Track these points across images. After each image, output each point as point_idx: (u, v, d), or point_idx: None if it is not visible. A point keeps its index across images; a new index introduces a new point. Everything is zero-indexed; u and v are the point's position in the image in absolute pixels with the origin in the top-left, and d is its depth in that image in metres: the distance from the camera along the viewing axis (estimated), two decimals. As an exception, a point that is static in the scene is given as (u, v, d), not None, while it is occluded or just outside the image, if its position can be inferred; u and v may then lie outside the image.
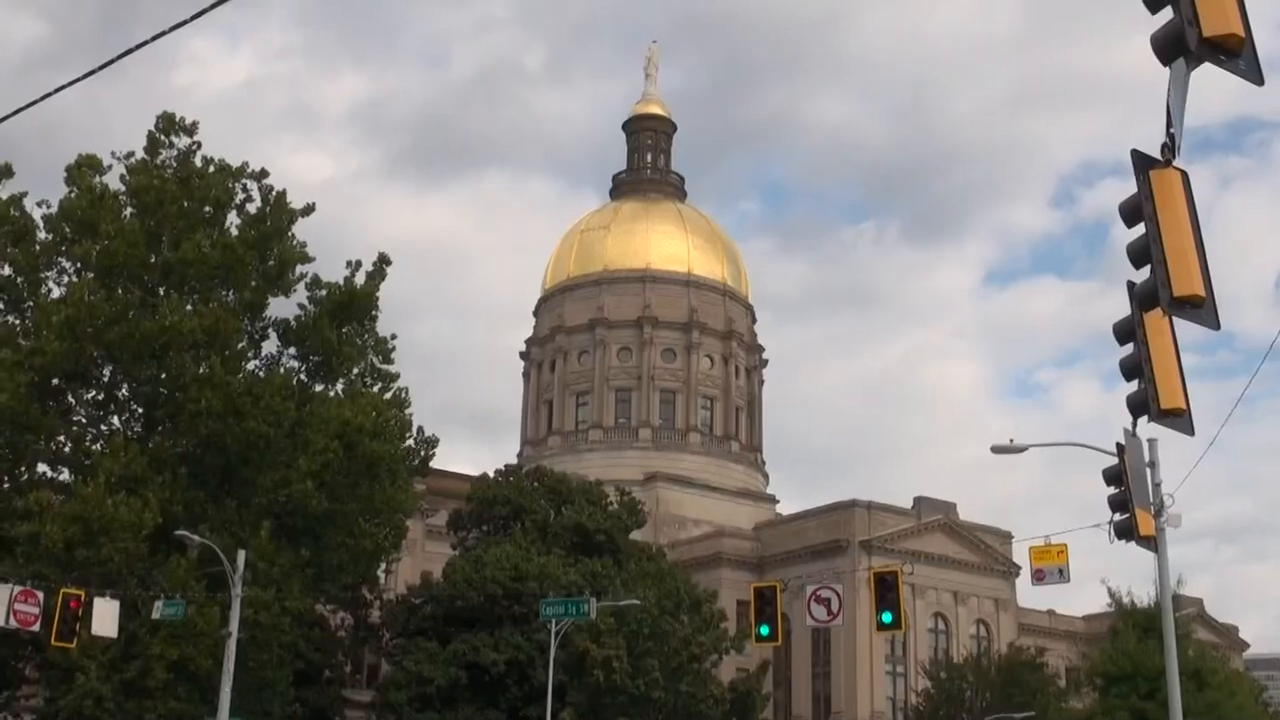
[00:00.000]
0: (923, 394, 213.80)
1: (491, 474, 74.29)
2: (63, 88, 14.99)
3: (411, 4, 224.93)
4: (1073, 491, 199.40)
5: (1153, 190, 10.22)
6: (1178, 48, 9.58)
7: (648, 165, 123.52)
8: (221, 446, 45.67)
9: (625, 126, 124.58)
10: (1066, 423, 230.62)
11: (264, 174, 50.21)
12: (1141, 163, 10.32)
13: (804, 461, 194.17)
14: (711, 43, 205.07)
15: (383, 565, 59.27)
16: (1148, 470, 26.22)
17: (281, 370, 49.28)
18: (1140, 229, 10.45)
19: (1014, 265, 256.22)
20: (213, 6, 15.31)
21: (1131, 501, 25.20)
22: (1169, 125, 10.05)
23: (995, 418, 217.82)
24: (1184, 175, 10.24)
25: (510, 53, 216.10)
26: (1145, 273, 10.55)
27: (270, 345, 50.40)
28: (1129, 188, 10.48)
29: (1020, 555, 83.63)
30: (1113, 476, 25.64)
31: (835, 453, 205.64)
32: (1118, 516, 25.51)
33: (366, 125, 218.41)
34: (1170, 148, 10.17)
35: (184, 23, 15.35)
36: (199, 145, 49.74)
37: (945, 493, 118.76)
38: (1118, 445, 25.59)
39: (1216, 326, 10.06)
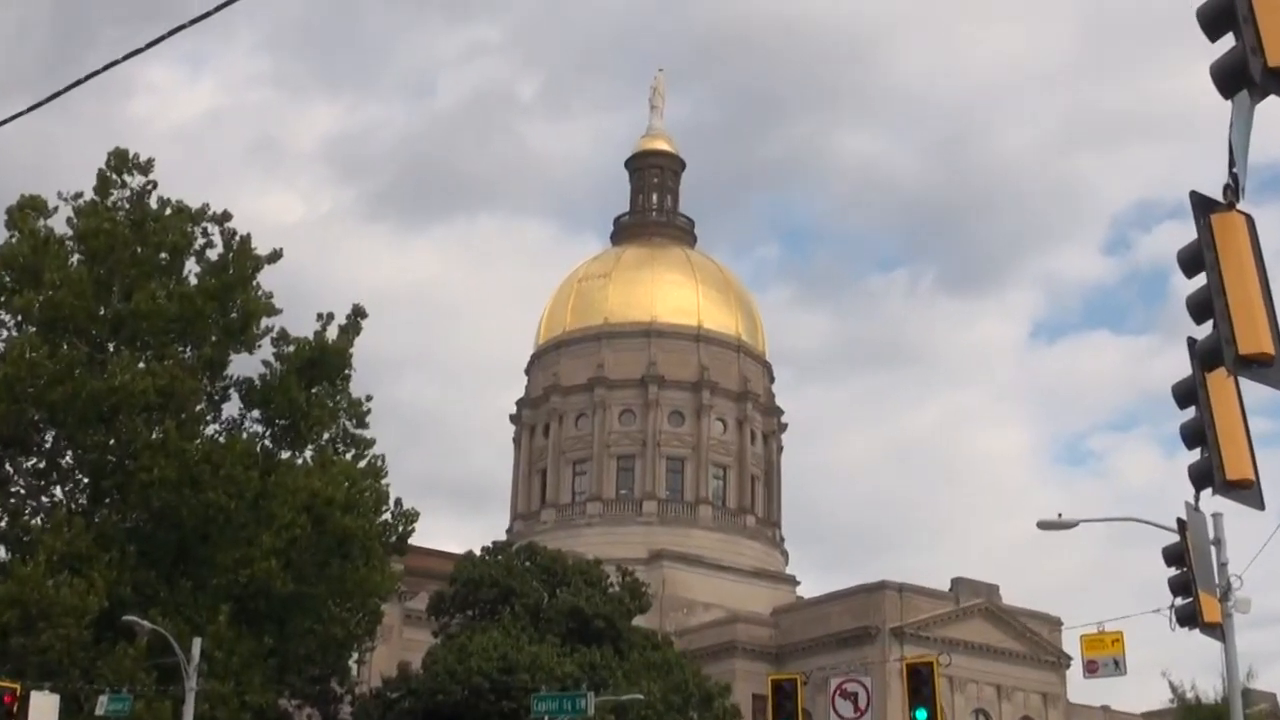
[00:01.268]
0: (961, 462, 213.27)
1: (478, 552, 74.07)
2: (4, 122, 15.12)
3: (392, 28, 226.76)
4: (1129, 572, 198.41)
5: (1214, 236, 10.27)
6: (1240, 79, 9.65)
7: (653, 206, 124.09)
8: (176, 521, 45.60)
9: (628, 164, 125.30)
10: (1122, 495, 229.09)
11: (226, 216, 50.48)
12: (1202, 206, 10.37)
13: (828, 538, 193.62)
14: (725, 71, 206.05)
15: (355, 655, 58.98)
16: (1213, 549, 26.13)
17: (244, 435, 49.30)
18: (1201, 279, 10.49)
19: (1063, 318, 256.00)
20: (171, 33, 15.48)
21: (1195, 584, 25.11)
22: (1231, 164, 10.10)
23: (1042, 489, 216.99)
24: (1249, 219, 10.29)
25: (502, 81, 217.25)
26: (1207, 328, 10.58)
27: (231, 407, 50.50)
28: (1189, 232, 10.52)
29: (1071, 644, 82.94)
30: (1174, 556, 25.57)
31: (863, 528, 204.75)
32: (1180, 601, 25.40)
33: (342, 162, 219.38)
34: (1233, 189, 10.22)
35: (140, 50, 15.52)
36: (154, 185, 50.05)
37: (987, 573, 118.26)
38: (1179, 521, 25.54)
39: (1288, 388, 10.09)
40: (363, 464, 50.57)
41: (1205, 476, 12.73)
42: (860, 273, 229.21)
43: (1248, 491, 11.54)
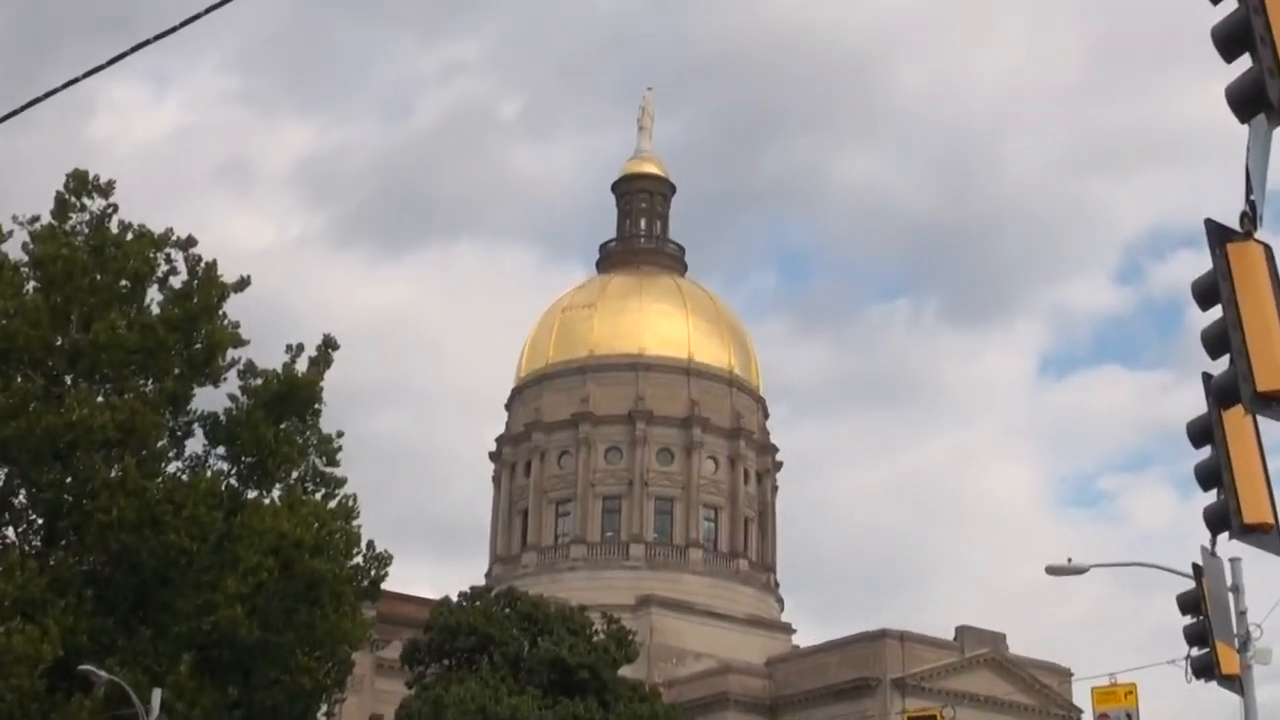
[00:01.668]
0: (966, 503, 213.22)
1: (454, 597, 73.91)
2: (-42, 142, 15.19)
3: (367, 44, 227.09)
4: (1143, 621, 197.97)
5: (1231, 267, 10.30)
6: (1257, 101, 9.69)
7: (641, 232, 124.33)
8: (135, 564, 45.40)
9: (615, 187, 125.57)
10: (1135, 538, 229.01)
11: (191, 242, 50.41)
12: (1217, 235, 10.41)
13: (825, 583, 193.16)
14: (717, 90, 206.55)
15: (324, 707, 58.51)
16: (1230, 596, 26.16)
17: (208, 474, 49.12)
18: (1217, 312, 10.52)
19: (1073, 352, 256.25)
20: (135, 49, 15.53)
21: (1212, 633, 25.11)
22: (1249, 191, 10.14)
23: (1051, 532, 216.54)
24: (1267, 249, 10.33)
25: (482, 101, 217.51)
26: (1224, 363, 10.61)
27: (195, 444, 50.29)
28: (1205, 261, 10.56)
29: (1082, 696, 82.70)
30: (1189, 603, 25.58)
31: (862, 573, 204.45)
32: (1196, 651, 25.40)
33: (313, 184, 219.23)
34: (1250, 217, 10.26)
35: (102, 67, 15.55)
36: (115, 208, 49.97)
37: (993, 621, 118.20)
38: (1194, 566, 25.56)
39: (1309, 426, 10.11)
40: (333, 504, 50.36)
41: (1222, 519, 12.75)
42: (860, 302, 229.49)
43: (1267, 535, 11.57)
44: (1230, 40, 9.85)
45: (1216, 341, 10.57)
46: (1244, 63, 9.79)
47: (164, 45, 14.90)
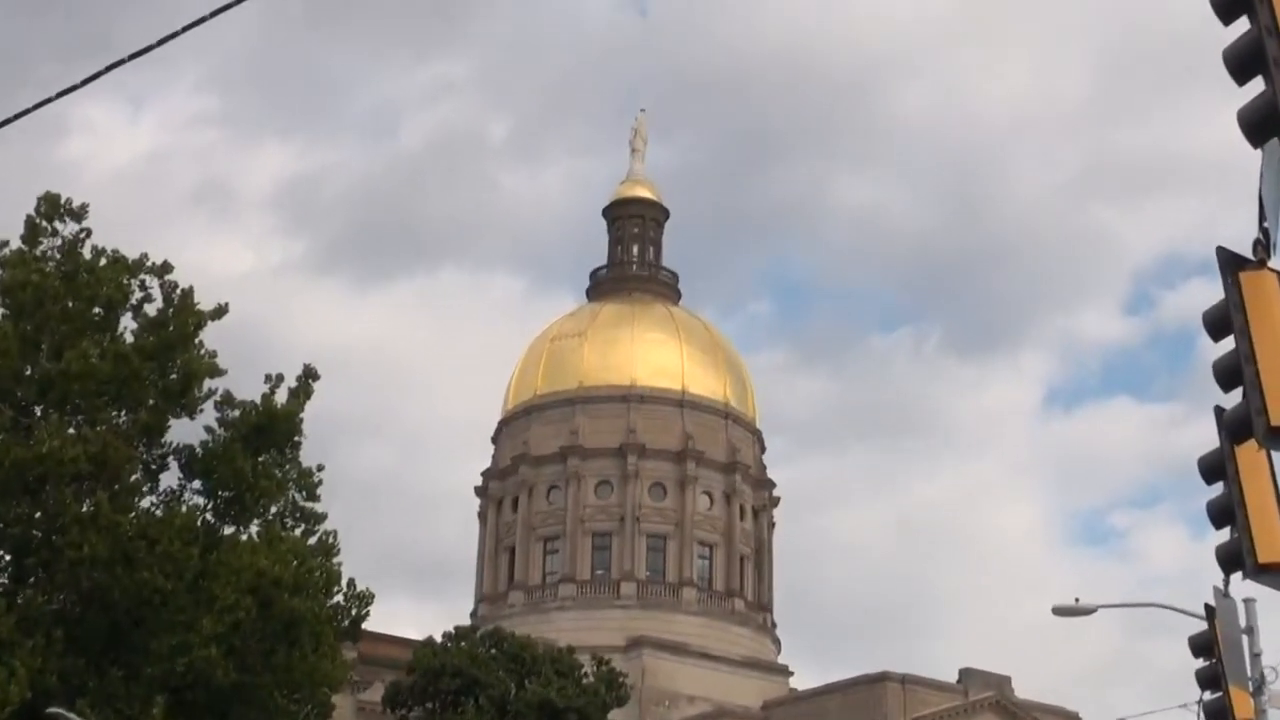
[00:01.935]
0: (970, 540, 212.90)
1: (438, 638, 73.76)
2: (-74, 165, 15.21)
3: (350, 64, 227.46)
4: (1153, 664, 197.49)
5: (1243, 296, 10.32)
6: (1271, 126, 9.72)
7: (633, 259, 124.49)
8: (108, 603, 45.27)
9: (607, 212, 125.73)
10: (1145, 577, 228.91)
11: (167, 268, 50.38)
12: (1229, 263, 10.43)
13: (824, 624, 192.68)
14: (712, 112, 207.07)
15: (303, 751, 58.43)
16: (1244, 638, 26.13)
17: (183, 509, 49.01)
18: (1230, 343, 10.54)
19: (1081, 383, 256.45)
20: (110, 69, 15.55)
21: (1225, 677, 25.08)
22: (1262, 218, 10.17)
23: (1058, 570, 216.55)
24: (1281, 279, 10.34)
25: (470, 122, 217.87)
26: (1237, 396, 10.62)
27: (170, 478, 50.17)
28: (1218, 291, 10.58)
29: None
30: (1201, 645, 25.54)
31: (863, 613, 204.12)
32: (1208, 695, 25.38)
33: (294, 208, 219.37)
34: (1264, 245, 10.28)
35: (75, 87, 15.58)
36: (88, 233, 49.97)
37: (998, 663, 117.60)
38: (1207, 607, 25.53)
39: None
40: (313, 540, 50.27)
41: (1235, 559, 12.76)
42: (861, 332, 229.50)
43: (1281, 575, 11.57)
44: (1243, 63, 9.87)
45: (1229, 374, 10.58)
46: (1257, 85, 9.81)
47: (140, 65, 14.94)
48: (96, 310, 49.06)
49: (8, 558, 47.96)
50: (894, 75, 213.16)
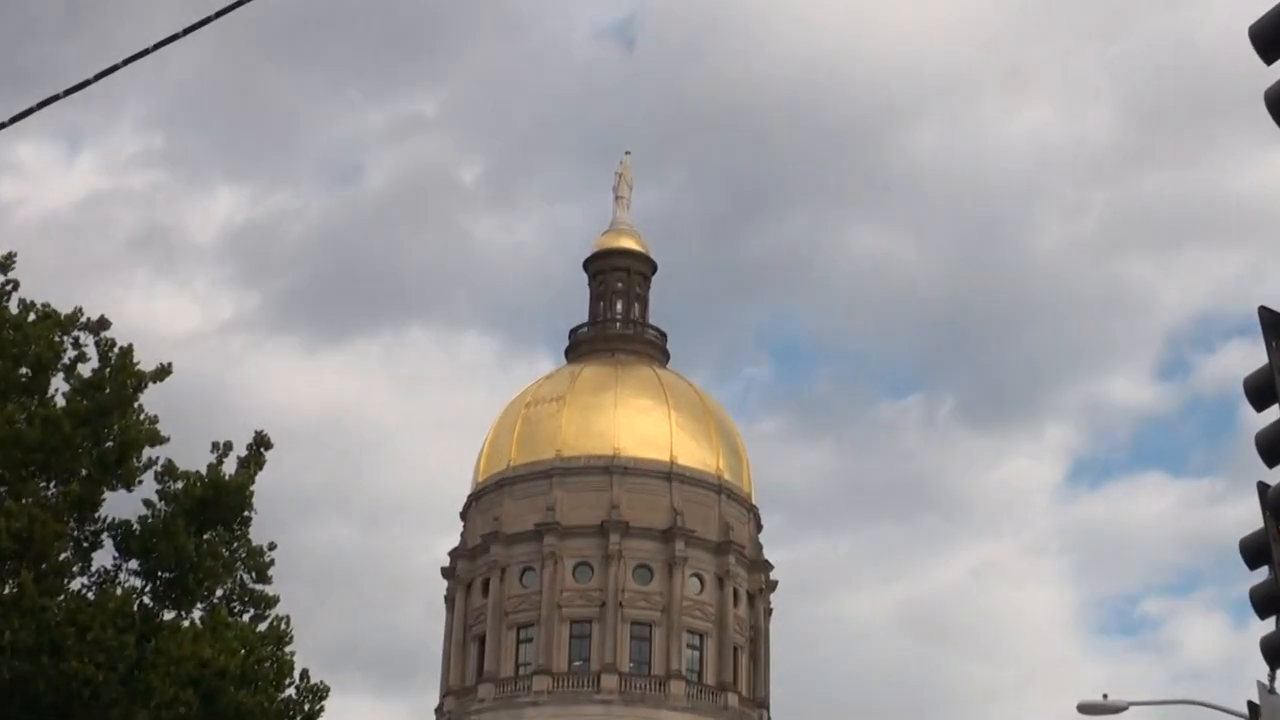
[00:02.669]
0: (987, 629, 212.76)
1: (400, 735, 73.51)
2: None
3: (307, 99, 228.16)
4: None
5: (1296, 361, 10.36)
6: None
7: (617, 316, 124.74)
8: (31, 696, 45.02)
9: (588, 264, 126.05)
10: (1180, 671, 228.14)
11: (103, 324, 50.34)
12: (1273, 325, 10.49)
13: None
14: (704, 154, 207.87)
15: None
16: (1294, 737, 26.13)
17: (118, 591, 48.77)
18: (1274, 412, 10.60)
19: (1109, 456, 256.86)
20: (43, 105, 15.65)
21: (1274, 780, 25.10)
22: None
23: (1085, 663, 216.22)
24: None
25: (439, 164, 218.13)
26: (1287, 471, 10.67)
27: (104, 556, 49.90)
28: (1259, 354, 10.66)
29: None
30: (1247, 746, 25.58)
31: (868, 708, 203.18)
32: (1255, 801, 25.37)
33: (246, 259, 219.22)
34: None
35: (4, 124, 15.67)
36: (15, 285, 49.93)
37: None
38: (1250, 705, 25.57)
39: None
40: (263, 627, 50.05)
41: (1283, 650, 12.78)
42: (867, 399, 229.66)
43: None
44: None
45: (1273, 446, 10.61)
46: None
47: (77, 100, 15.03)
48: (24, 370, 48.99)
49: (-77, 645, 47.79)
50: (905, 116, 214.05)
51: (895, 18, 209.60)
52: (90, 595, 48.50)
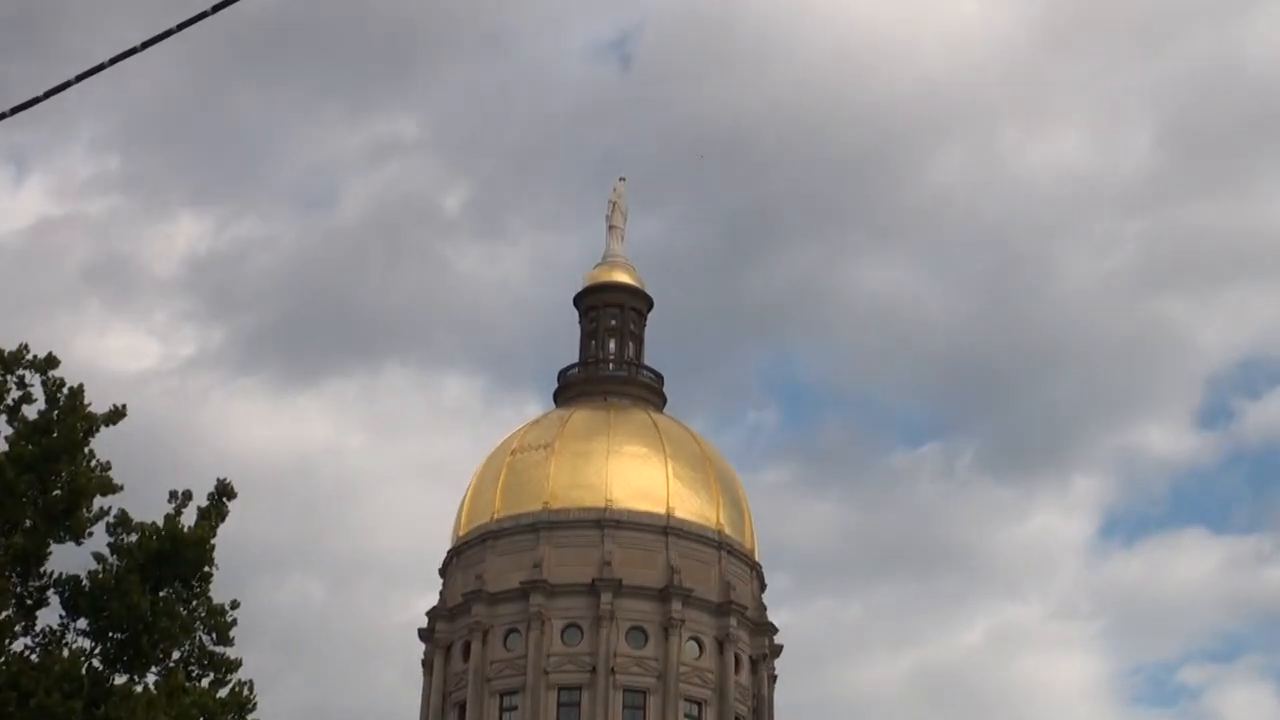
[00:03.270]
0: (1011, 699, 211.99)
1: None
2: None
3: (277, 118, 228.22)
4: None
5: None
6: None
7: (610, 357, 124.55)
8: (-29, 767, 44.80)
9: (579, 300, 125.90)
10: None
11: (52, 362, 50.20)
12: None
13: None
14: (706, 182, 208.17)
15: None
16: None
17: (65, 653, 48.55)
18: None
19: (1145, 511, 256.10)
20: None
21: None
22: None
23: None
24: None
25: (419, 191, 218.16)
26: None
27: (50, 614, 49.74)
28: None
29: None
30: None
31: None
32: None
33: (210, 292, 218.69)
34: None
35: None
36: (-43, 319, 49.90)
37: None
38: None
39: None
40: (223, 693, 49.79)
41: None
42: (880, 448, 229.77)
43: None
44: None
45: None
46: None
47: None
48: (-36, 412, 48.90)
49: None
50: (922, 142, 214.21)
51: (910, 36, 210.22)
52: (34, 657, 48.20)
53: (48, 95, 14.69)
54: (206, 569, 50.38)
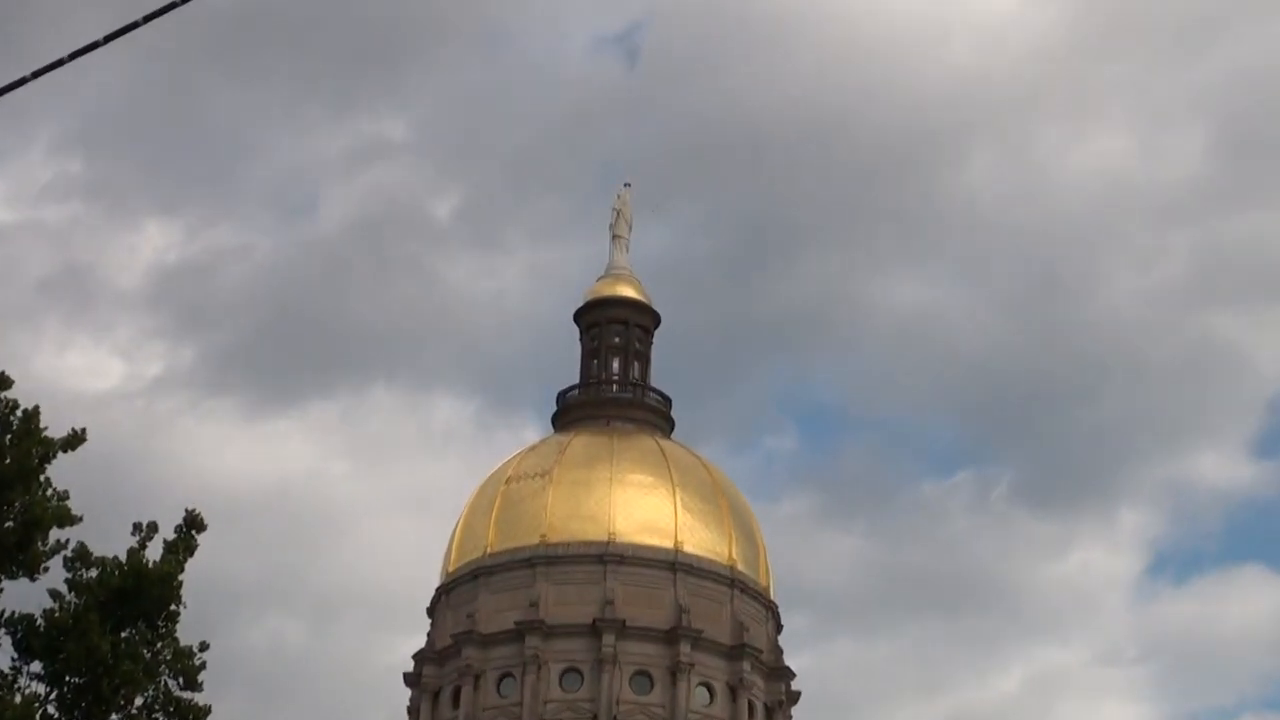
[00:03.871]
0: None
1: None
2: None
3: (254, 118, 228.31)
4: None
5: None
6: None
7: (614, 377, 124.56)
8: (-84, 824, 44.77)
9: (580, 316, 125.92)
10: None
11: (4, 382, 50.22)
12: None
13: None
14: (717, 188, 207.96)
15: None
16: None
17: (18, 699, 48.54)
18: None
19: (1197, 546, 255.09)
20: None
21: None
22: None
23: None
24: None
25: (408, 196, 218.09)
26: None
27: (1, 657, 49.81)
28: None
29: None
30: None
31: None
32: None
33: (179, 306, 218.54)
34: None
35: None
36: (-96, 336, 49.94)
37: None
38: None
39: None
40: (191, 742, 49.83)
41: None
42: (907, 477, 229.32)
43: None
44: None
45: None
46: None
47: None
48: (-89, 438, 48.88)
49: None
50: (952, 144, 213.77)
51: (940, 29, 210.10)
52: (-14, 704, 48.26)
53: (4, 91, 14.59)
54: (173, 607, 50.27)
